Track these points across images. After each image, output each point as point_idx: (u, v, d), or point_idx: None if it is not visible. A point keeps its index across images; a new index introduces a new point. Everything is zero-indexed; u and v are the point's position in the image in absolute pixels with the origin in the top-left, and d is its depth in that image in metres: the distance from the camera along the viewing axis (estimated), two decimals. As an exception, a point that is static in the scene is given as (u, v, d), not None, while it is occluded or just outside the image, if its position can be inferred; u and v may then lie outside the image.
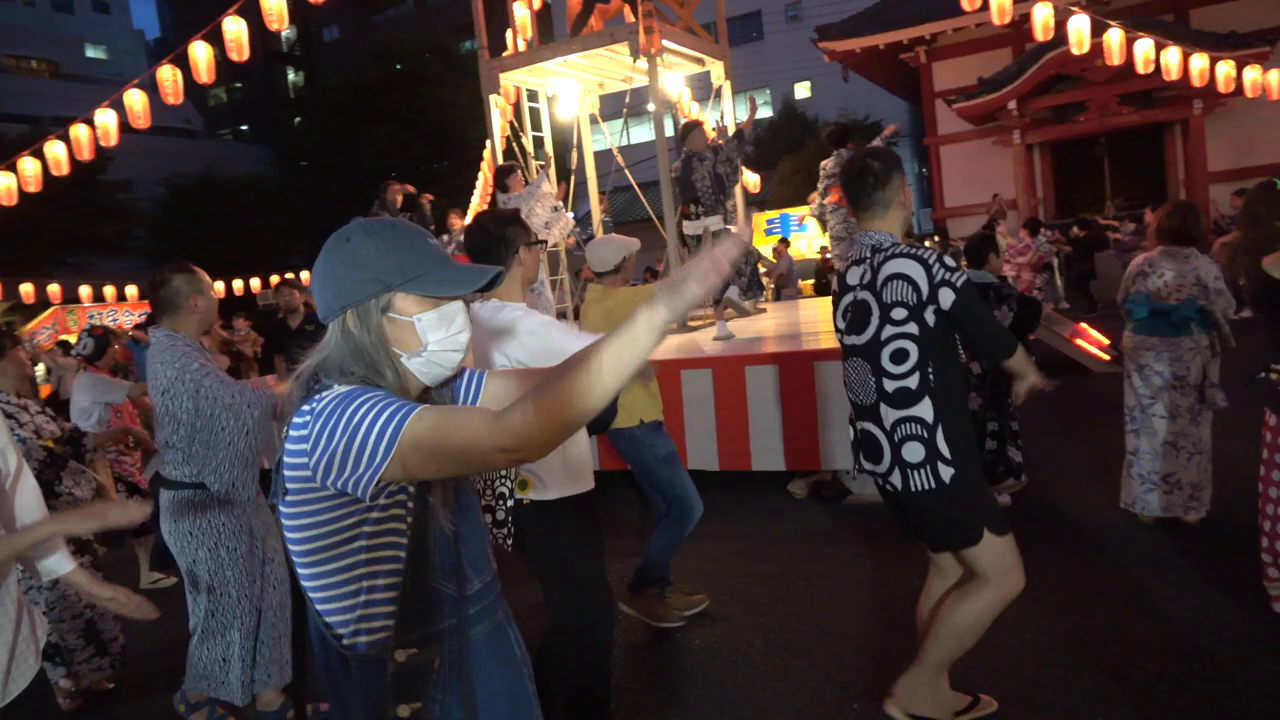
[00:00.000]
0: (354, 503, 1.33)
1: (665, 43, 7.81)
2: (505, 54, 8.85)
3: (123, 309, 19.61)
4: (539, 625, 2.79)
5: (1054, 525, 4.61)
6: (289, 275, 14.65)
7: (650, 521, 3.97)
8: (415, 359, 1.42)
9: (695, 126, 7.06)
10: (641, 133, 18.89)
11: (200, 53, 8.37)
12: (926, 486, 2.52)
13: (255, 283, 20.65)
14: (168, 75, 8.51)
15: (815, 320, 7.40)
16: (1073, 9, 9.40)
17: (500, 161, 8.75)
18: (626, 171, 9.38)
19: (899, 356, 2.53)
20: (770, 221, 19.94)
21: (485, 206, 10.83)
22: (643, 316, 1.23)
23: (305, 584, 1.42)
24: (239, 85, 46.26)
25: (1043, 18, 8.91)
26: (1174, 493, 4.38)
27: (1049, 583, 3.79)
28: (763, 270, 12.85)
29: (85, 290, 19.92)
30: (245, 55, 8.43)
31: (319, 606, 1.42)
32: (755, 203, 10.81)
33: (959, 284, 2.47)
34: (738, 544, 4.88)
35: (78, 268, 25.32)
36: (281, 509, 1.39)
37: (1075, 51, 9.68)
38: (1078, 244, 14.08)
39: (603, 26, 8.45)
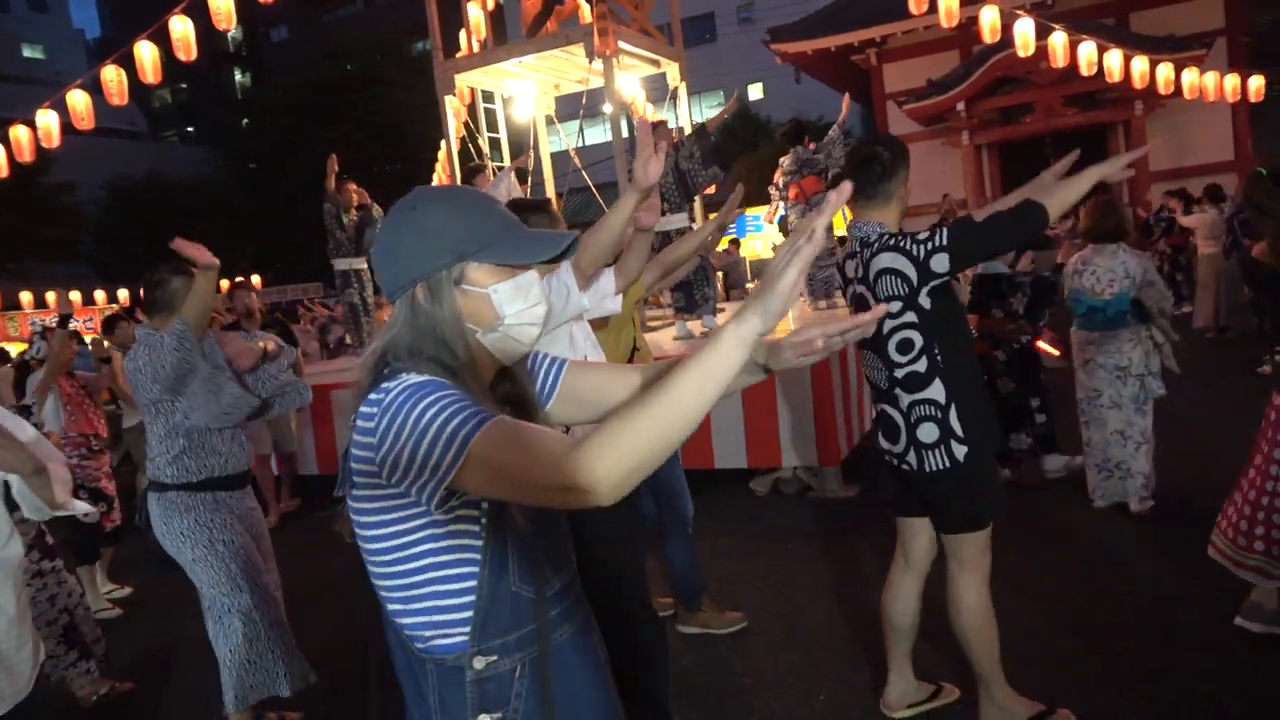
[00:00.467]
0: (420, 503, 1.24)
1: (620, 44, 7.83)
2: (460, 55, 8.80)
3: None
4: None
5: (1039, 522, 4.57)
6: (239, 279, 14.39)
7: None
8: (491, 334, 1.31)
9: (659, 125, 7.07)
10: (597, 134, 18.92)
11: (146, 52, 8.19)
12: (941, 466, 2.52)
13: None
14: (112, 75, 8.32)
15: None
16: (1018, 12, 9.63)
17: (455, 162, 8.70)
18: (584, 173, 9.38)
19: (904, 346, 2.53)
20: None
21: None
22: (729, 332, 1.04)
23: (376, 582, 1.33)
24: (184, 86, 45.33)
25: (989, 21, 9.12)
26: (1127, 480, 4.52)
27: (1046, 581, 3.80)
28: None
29: (26, 296, 19.38)
30: (193, 55, 8.27)
31: (391, 606, 1.33)
32: (711, 203, 10.87)
33: (943, 240, 2.40)
34: (719, 543, 4.86)
35: (18, 273, 24.60)
36: (349, 502, 1.30)
37: (1021, 54, 9.92)
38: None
39: (557, 28, 8.45)
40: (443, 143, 9.11)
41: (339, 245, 8.41)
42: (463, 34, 9.17)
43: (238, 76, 46.26)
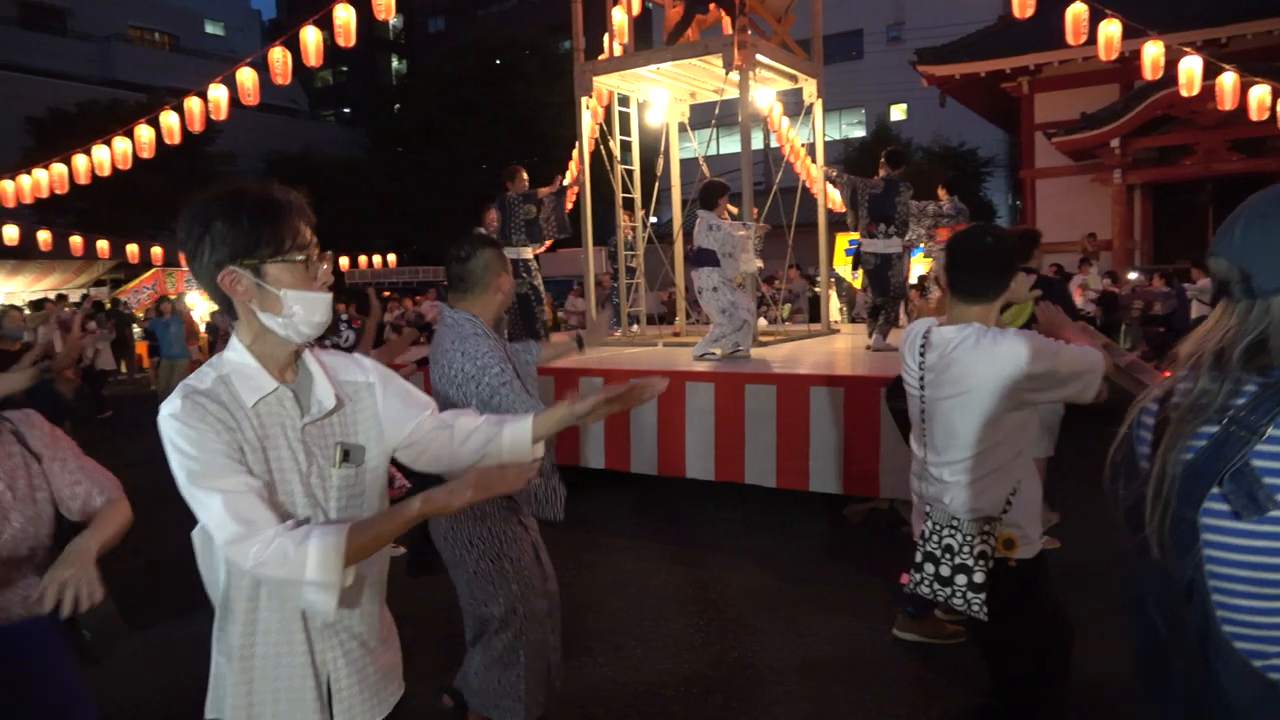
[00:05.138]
0: None
1: (758, 57, 7.82)
2: (600, 57, 8.96)
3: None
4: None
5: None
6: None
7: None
8: None
9: (907, 155, 7.43)
10: (731, 143, 18.91)
11: (310, 36, 8.70)
12: None
13: (344, 261, 21.33)
14: (278, 56, 8.86)
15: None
16: (1185, 49, 9.10)
17: (586, 162, 8.85)
18: (711, 181, 9.38)
19: None
20: (852, 243, 19.73)
21: (570, 205, 10.96)
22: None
23: (1235, 614, 1.14)
24: (344, 69, 47.72)
25: (1152, 56, 8.66)
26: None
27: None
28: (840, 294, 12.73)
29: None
30: (352, 41, 8.73)
31: (1251, 646, 1.13)
32: (837, 223, 10.77)
33: None
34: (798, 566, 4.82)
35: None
36: (1240, 524, 1.11)
37: (1185, 93, 9.38)
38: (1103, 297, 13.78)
39: (698, 36, 8.50)
40: (577, 143, 9.29)
41: (513, 234, 8.00)
42: (606, 37, 9.34)
43: (394, 63, 48.39)
